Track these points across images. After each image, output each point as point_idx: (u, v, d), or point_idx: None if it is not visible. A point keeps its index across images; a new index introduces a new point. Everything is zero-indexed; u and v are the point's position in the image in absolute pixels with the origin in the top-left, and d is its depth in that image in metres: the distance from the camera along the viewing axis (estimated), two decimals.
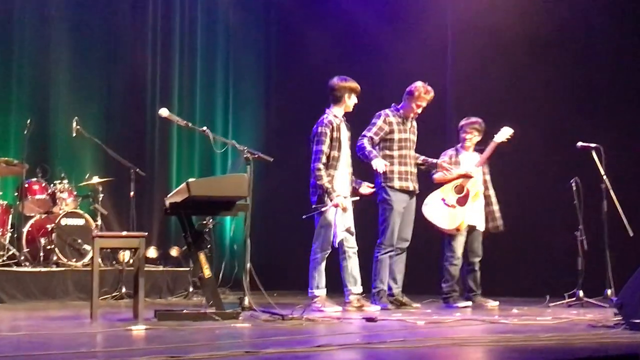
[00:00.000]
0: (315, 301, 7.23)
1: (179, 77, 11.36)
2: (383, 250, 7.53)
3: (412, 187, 7.61)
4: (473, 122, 8.13)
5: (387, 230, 7.51)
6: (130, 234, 6.44)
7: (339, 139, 7.27)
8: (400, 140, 7.60)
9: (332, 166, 7.23)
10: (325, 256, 7.29)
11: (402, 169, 7.56)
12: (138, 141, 10.81)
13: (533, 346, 4.48)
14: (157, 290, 8.89)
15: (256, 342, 4.55)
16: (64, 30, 10.47)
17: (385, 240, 7.52)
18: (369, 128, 7.60)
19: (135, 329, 5.15)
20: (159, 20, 11.20)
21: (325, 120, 7.32)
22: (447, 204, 7.85)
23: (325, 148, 7.24)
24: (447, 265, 7.94)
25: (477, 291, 8.01)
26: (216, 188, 6.04)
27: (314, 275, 7.30)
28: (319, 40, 11.26)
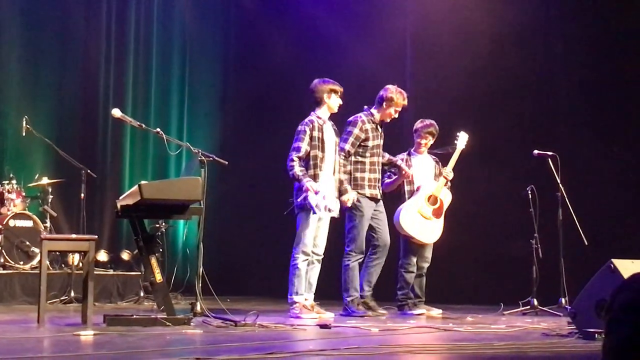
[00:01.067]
0: (293, 307, 7.13)
1: (134, 77, 11.21)
2: (353, 257, 7.43)
3: (379, 195, 7.57)
4: (428, 125, 8.04)
5: (357, 237, 7.43)
6: (80, 237, 6.30)
7: (322, 139, 7.18)
8: (373, 147, 7.54)
9: (315, 166, 7.13)
10: (305, 261, 7.16)
11: (372, 176, 7.51)
12: (90, 142, 10.65)
13: (487, 354, 4.45)
14: (107, 294, 8.74)
15: (208, 349, 4.46)
16: (15, 28, 10.29)
17: (356, 248, 7.43)
18: (345, 138, 7.49)
19: (84, 334, 5.04)
20: (113, 17, 11.05)
21: (307, 120, 7.26)
22: (425, 217, 7.78)
23: (304, 145, 7.12)
24: (403, 272, 7.89)
25: (422, 298, 7.94)
26: (169, 191, 5.94)
27: (293, 281, 7.17)
28: (277, 43, 11.20)
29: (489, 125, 9.71)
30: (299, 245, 7.15)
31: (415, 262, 7.86)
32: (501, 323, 6.60)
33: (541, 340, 5.23)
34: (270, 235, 10.24)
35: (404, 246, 7.93)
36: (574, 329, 5.40)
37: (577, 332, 5.27)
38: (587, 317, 5.15)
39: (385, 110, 7.57)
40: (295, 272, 7.15)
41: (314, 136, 7.15)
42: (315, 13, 11.02)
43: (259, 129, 11.22)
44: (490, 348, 4.66)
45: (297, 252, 7.17)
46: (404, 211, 7.77)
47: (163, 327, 5.58)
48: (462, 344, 4.87)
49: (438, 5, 10.28)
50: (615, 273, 5.03)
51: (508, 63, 9.78)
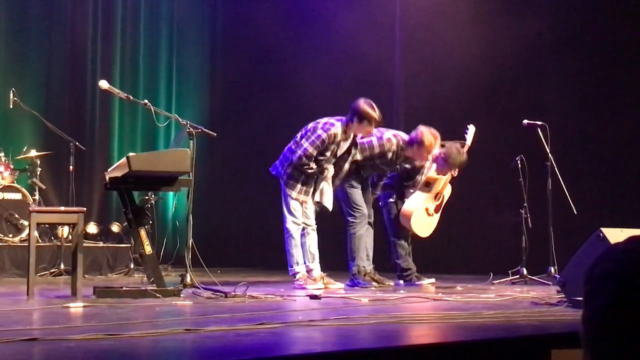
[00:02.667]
0: (297, 278, 7.14)
1: (121, 48, 11.13)
2: (358, 225, 7.40)
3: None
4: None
5: (355, 204, 7.42)
6: (69, 209, 6.29)
7: (335, 153, 7.16)
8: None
9: (317, 165, 7.14)
10: (298, 230, 7.17)
11: None
12: (78, 114, 10.60)
13: (476, 323, 4.46)
14: (96, 266, 8.73)
15: (197, 320, 4.47)
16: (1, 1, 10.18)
17: (358, 214, 7.41)
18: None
19: (73, 306, 5.04)
20: None
21: (332, 130, 7.08)
22: (428, 214, 7.77)
23: (313, 150, 7.06)
24: (396, 240, 7.77)
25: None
26: (158, 163, 5.92)
27: (291, 252, 7.19)
28: (266, 15, 11.13)
29: (478, 96, 9.70)
30: (288, 216, 7.15)
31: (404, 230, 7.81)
32: (491, 292, 6.62)
33: (530, 309, 5.24)
34: (260, 206, 10.24)
35: (389, 217, 7.86)
36: (563, 298, 5.41)
37: (566, 300, 5.29)
38: (576, 285, 5.16)
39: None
40: (290, 242, 7.16)
41: (329, 148, 7.10)
42: None
43: (247, 101, 11.19)
44: (479, 317, 4.67)
45: (287, 222, 7.17)
46: (412, 207, 7.65)
47: (153, 298, 5.58)
48: (451, 313, 4.89)
49: None
50: (604, 242, 5.04)
51: (496, 31, 9.74)
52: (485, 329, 4.26)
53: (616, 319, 1.29)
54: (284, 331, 4.02)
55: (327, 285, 7.13)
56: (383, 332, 4.10)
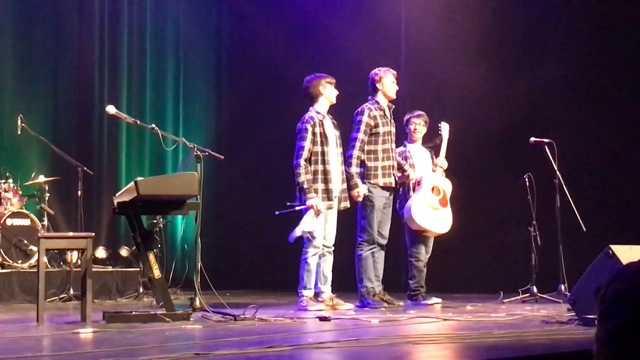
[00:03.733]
0: (301, 300, 7.14)
1: (128, 73, 11.17)
2: (366, 247, 7.42)
3: (393, 183, 7.55)
4: (419, 114, 8.05)
5: (368, 227, 7.42)
6: (77, 235, 6.31)
7: (324, 134, 7.18)
8: (384, 133, 7.51)
9: (323, 162, 7.13)
10: (315, 255, 7.15)
11: (385, 164, 7.48)
12: (86, 139, 10.62)
13: (487, 343, 4.45)
14: (106, 291, 8.72)
15: (207, 344, 4.46)
16: (9, 25, 10.24)
17: (368, 238, 7.42)
18: (356, 128, 7.43)
19: (83, 331, 5.03)
20: (107, 13, 11.00)
21: (306, 117, 7.26)
22: (434, 208, 7.78)
23: (307, 144, 7.13)
24: (414, 261, 7.81)
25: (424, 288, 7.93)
26: (166, 187, 5.94)
27: (302, 276, 7.19)
28: (270, 36, 11.18)
29: (485, 113, 9.69)
30: (308, 240, 7.15)
31: (424, 251, 7.85)
32: (501, 311, 6.60)
33: (541, 327, 5.22)
34: (268, 228, 10.22)
35: (410, 236, 7.90)
36: (574, 316, 5.39)
37: (577, 318, 5.27)
38: (586, 303, 5.15)
39: (383, 90, 7.57)
40: (304, 267, 7.17)
41: (316, 132, 7.15)
42: (307, 4, 10.99)
43: (254, 123, 11.20)
44: (490, 337, 4.66)
45: (306, 246, 7.18)
46: (414, 206, 7.72)
47: (162, 322, 5.57)
48: (462, 333, 4.87)
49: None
50: (614, 259, 5.03)
51: (503, 49, 9.76)
52: (497, 349, 4.24)
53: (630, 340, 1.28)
54: (293, 354, 4.01)
55: (336, 306, 7.11)
56: (394, 354, 4.08)
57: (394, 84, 7.65)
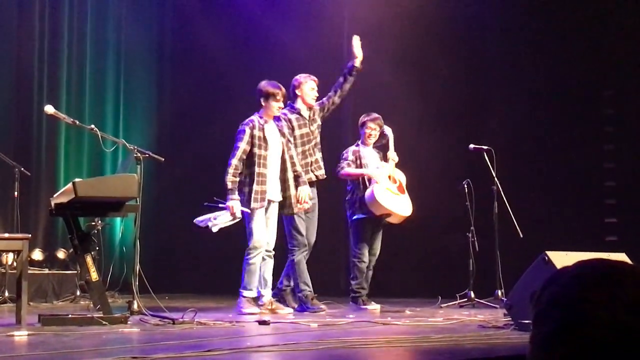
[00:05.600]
0: (240, 301, 7.14)
1: (67, 72, 11.01)
2: (297, 252, 7.45)
3: (313, 177, 7.62)
4: (375, 117, 8.11)
5: (294, 231, 7.47)
6: (13, 236, 6.19)
7: (264, 137, 7.20)
8: (302, 135, 7.63)
9: (259, 164, 7.14)
10: (258, 256, 7.13)
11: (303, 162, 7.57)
12: (23, 139, 10.44)
13: (425, 347, 4.49)
14: (42, 294, 8.59)
15: (145, 347, 4.42)
16: None
17: (297, 243, 7.46)
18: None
19: (18, 334, 4.95)
20: (47, 9, 10.83)
21: (247, 120, 7.30)
22: (395, 193, 7.84)
23: (243, 145, 7.15)
24: (356, 261, 7.82)
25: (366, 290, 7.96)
26: (104, 188, 5.87)
27: (243, 276, 7.19)
28: (213, 37, 11.14)
29: (424, 118, 9.79)
30: (249, 241, 7.15)
31: (367, 252, 7.88)
32: (439, 316, 6.66)
33: (478, 332, 5.29)
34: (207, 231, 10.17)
35: (355, 236, 7.92)
36: (510, 321, 5.47)
37: (513, 323, 5.34)
38: (522, 308, 5.22)
39: (302, 96, 7.70)
40: (246, 268, 7.16)
41: (255, 135, 7.17)
42: (250, 8, 10.98)
43: (195, 125, 11.15)
44: (427, 341, 4.70)
45: (249, 247, 7.18)
46: (376, 191, 7.76)
47: (99, 326, 5.50)
48: (400, 337, 4.91)
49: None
50: (549, 265, 5.11)
51: (443, 54, 9.86)
52: (434, 353, 4.28)
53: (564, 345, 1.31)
54: (232, 357, 4.00)
55: (275, 310, 7.11)
56: (332, 357, 4.10)
57: (313, 90, 7.75)
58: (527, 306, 4.86)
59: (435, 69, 9.84)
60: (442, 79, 9.84)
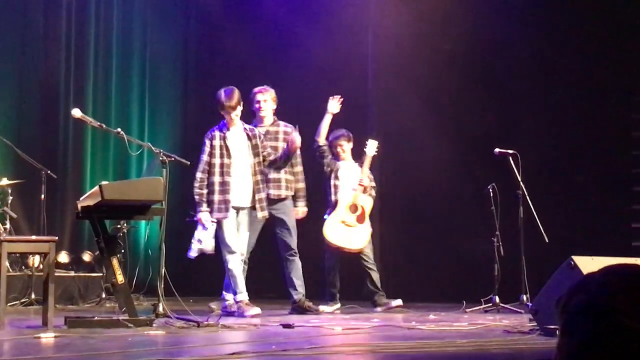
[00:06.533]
0: (239, 306, 7.20)
1: (94, 77, 11.09)
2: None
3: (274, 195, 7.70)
4: (338, 135, 8.22)
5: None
6: (40, 239, 6.25)
7: (225, 146, 7.26)
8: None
9: (223, 173, 7.23)
10: (234, 260, 7.14)
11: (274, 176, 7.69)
12: (50, 142, 10.52)
13: (450, 352, 4.48)
14: (68, 296, 8.64)
15: (170, 350, 4.44)
16: None
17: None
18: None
19: (45, 336, 4.98)
20: (73, 14, 10.91)
21: (208, 132, 7.41)
22: (350, 225, 7.89)
23: (205, 157, 7.30)
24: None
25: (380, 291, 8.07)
26: (130, 192, 5.91)
27: (230, 283, 7.30)
28: (238, 42, 11.16)
29: (450, 123, 9.77)
30: (222, 249, 7.20)
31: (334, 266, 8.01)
32: (463, 321, 6.63)
33: (503, 337, 5.27)
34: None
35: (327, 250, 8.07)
36: (535, 326, 5.44)
37: (538, 329, 5.32)
38: (548, 314, 5.20)
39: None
40: (228, 274, 7.23)
41: (215, 145, 7.25)
42: (274, 11, 11.01)
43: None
44: (452, 346, 4.69)
45: (223, 254, 7.21)
46: (327, 224, 7.94)
47: (125, 328, 5.54)
48: (424, 342, 4.89)
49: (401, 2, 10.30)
50: (576, 270, 5.09)
51: (470, 60, 9.84)
52: (459, 358, 4.27)
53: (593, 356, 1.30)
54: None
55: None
56: None
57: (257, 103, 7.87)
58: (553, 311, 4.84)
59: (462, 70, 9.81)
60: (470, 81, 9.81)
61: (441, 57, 9.92)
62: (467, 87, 9.81)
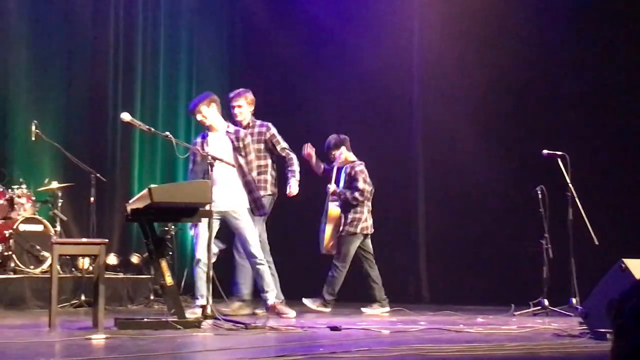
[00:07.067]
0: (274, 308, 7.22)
1: (142, 80, 11.21)
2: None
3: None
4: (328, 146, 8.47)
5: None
6: (91, 241, 6.32)
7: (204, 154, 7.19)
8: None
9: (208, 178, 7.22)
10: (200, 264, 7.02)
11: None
12: (99, 146, 10.65)
13: (498, 355, 4.44)
14: (117, 298, 8.73)
15: (219, 352, 4.46)
16: (24, 32, 10.30)
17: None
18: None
19: (95, 338, 5.03)
20: (121, 21, 11.05)
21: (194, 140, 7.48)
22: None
23: (190, 165, 7.34)
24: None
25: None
26: (179, 194, 5.95)
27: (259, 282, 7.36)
28: (284, 44, 11.21)
29: (498, 126, 9.71)
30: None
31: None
32: (512, 324, 6.58)
33: (553, 340, 5.21)
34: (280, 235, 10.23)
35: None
36: (586, 329, 5.38)
37: (589, 332, 5.26)
38: (598, 317, 5.14)
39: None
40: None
41: (196, 153, 7.19)
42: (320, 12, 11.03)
43: None
44: (501, 349, 4.65)
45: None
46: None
47: (174, 330, 5.58)
48: (473, 345, 4.86)
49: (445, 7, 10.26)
50: (626, 272, 5.02)
51: (517, 64, 9.76)
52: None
53: None
54: None
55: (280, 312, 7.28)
56: None
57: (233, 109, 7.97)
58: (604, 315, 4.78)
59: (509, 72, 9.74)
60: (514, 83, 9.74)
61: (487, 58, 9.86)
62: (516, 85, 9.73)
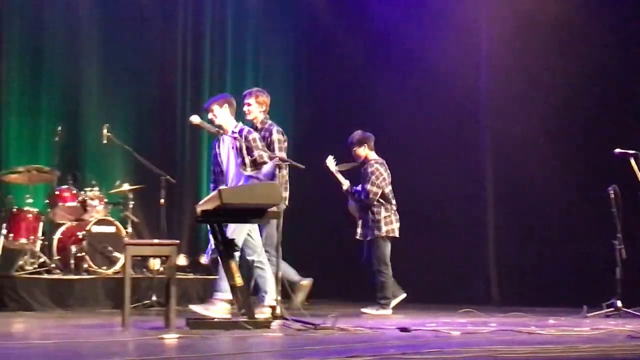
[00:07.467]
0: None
1: (210, 84, 11.33)
2: None
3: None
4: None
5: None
6: (163, 242, 6.41)
7: (220, 155, 7.23)
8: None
9: (214, 180, 7.28)
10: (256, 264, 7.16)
11: None
12: (169, 148, 10.79)
13: (572, 357, 4.38)
14: (187, 298, 8.81)
15: (289, 352, 4.49)
16: (95, 37, 10.50)
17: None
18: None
19: (168, 337, 5.10)
20: (189, 26, 11.19)
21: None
22: None
23: (212, 167, 7.33)
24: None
25: None
26: (248, 196, 5.98)
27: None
28: (349, 43, 11.22)
29: (570, 125, 9.58)
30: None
31: None
32: (585, 325, 6.47)
33: (627, 342, 5.12)
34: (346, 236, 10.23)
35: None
36: None
37: None
38: None
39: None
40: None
41: (214, 155, 7.24)
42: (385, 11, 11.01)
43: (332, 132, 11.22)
44: (575, 351, 4.58)
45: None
46: None
47: (244, 330, 5.62)
48: (545, 347, 4.80)
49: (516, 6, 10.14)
50: None
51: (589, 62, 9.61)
52: None
53: None
54: None
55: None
56: None
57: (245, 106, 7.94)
58: None
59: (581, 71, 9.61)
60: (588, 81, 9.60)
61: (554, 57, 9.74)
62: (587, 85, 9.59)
